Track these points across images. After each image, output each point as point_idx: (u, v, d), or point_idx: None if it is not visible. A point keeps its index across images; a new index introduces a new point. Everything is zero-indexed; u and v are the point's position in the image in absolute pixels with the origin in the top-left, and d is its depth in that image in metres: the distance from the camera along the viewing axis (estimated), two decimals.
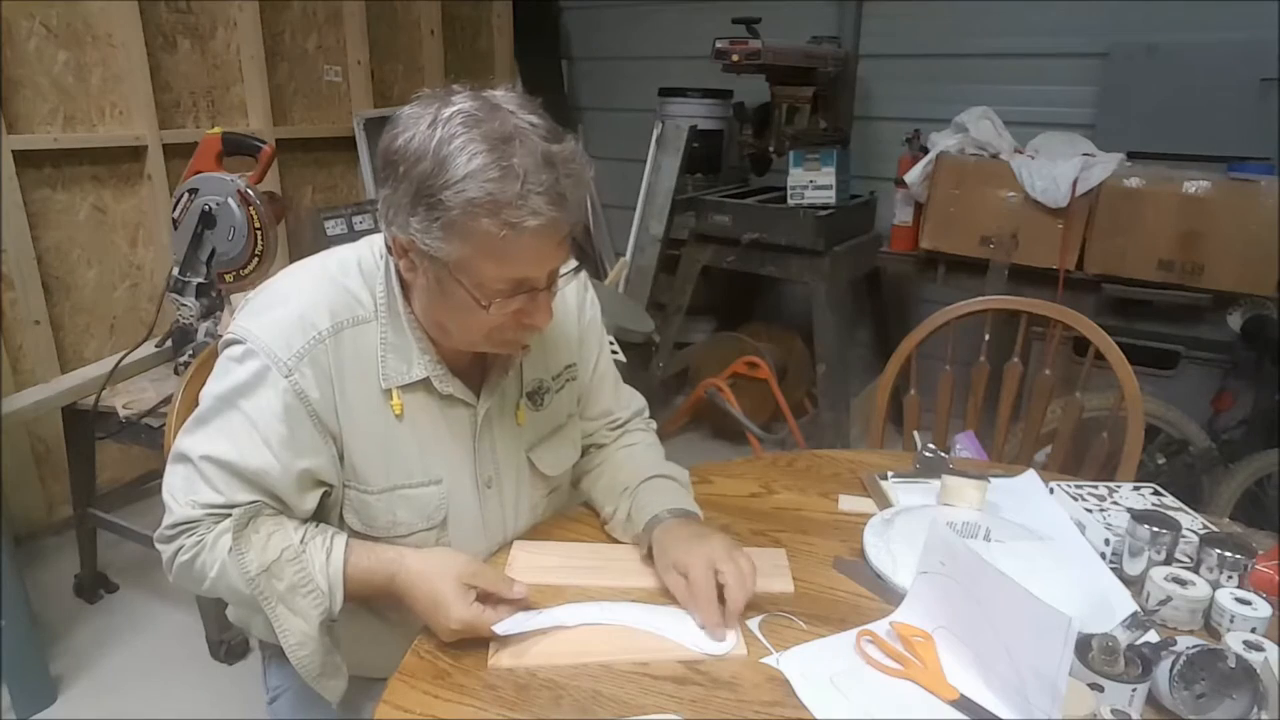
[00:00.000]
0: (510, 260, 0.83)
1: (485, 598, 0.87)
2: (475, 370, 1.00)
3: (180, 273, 1.90)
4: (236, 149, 1.96)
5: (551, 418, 1.07)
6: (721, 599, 0.89)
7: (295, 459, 0.89)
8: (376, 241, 0.96)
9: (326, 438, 0.91)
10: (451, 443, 0.98)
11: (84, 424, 1.96)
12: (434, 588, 0.87)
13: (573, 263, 0.95)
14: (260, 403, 0.88)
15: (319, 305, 0.90)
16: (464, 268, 0.83)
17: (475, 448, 1.00)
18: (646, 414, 1.24)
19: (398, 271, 0.93)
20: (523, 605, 0.89)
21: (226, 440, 0.89)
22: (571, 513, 1.14)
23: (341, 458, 0.93)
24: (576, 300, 1.10)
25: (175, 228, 1.89)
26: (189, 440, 0.91)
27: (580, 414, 1.14)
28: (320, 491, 0.94)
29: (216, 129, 1.94)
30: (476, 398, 0.99)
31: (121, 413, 1.86)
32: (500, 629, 0.84)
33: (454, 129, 0.79)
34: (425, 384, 0.95)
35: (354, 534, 0.96)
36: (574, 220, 0.84)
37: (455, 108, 0.81)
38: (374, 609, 1.00)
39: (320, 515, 0.96)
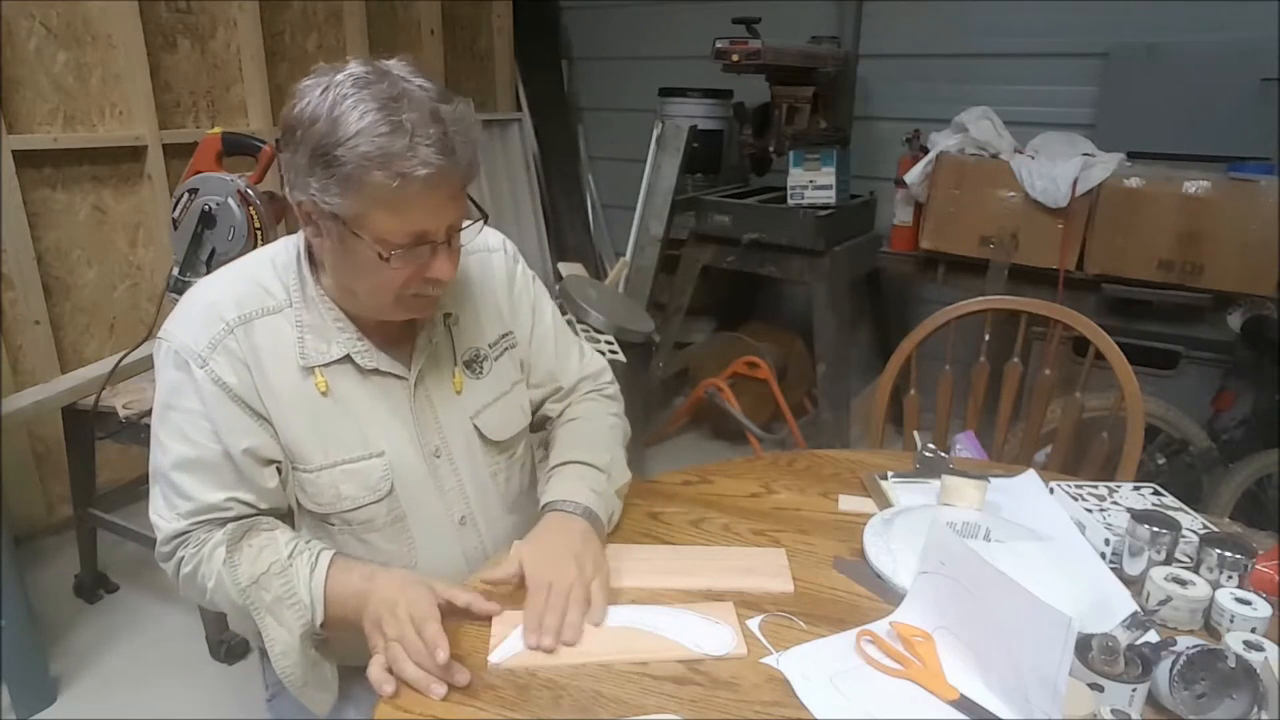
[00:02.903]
0: (405, 211, 0.86)
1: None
2: (404, 343, 1.02)
3: (180, 273, 1.89)
4: (236, 149, 1.95)
5: (494, 385, 1.10)
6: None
7: (236, 441, 0.93)
8: (292, 237, 1.01)
9: (258, 420, 0.95)
10: (389, 416, 1.01)
11: (84, 424, 1.96)
12: (409, 581, 0.89)
13: (475, 217, 0.97)
14: (194, 397, 0.93)
15: (224, 300, 0.95)
16: (363, 223, 0.87)
17: (415, 419, 1.02)
18: (605, 378, 1.24)
19: (309, 252, 0.98)
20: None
21: (182, 442, 0.93)
22: None
23: (278, 440, 0.96)
24: (506, 272, 1.13)
25: (175, 228, 1.88)
26: (154, 459, 0.96)
27: (527, 382, 1.16)
28: (274, 468, 0.96)
29: (216, 129, 1.94)
30: (408, 370, 1.01)
31: (121, 413, 1.86)
32: (494, 658, 0.84)
33: (345, 91, 0.84)
34: (349, 361, 0.98)
35: (307, 513, 0.99)
36: (464, 174, 0.88)
37: (346, 72, 0.86)
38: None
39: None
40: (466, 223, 0.94)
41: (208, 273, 1.87)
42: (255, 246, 1.85)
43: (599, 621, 0.90)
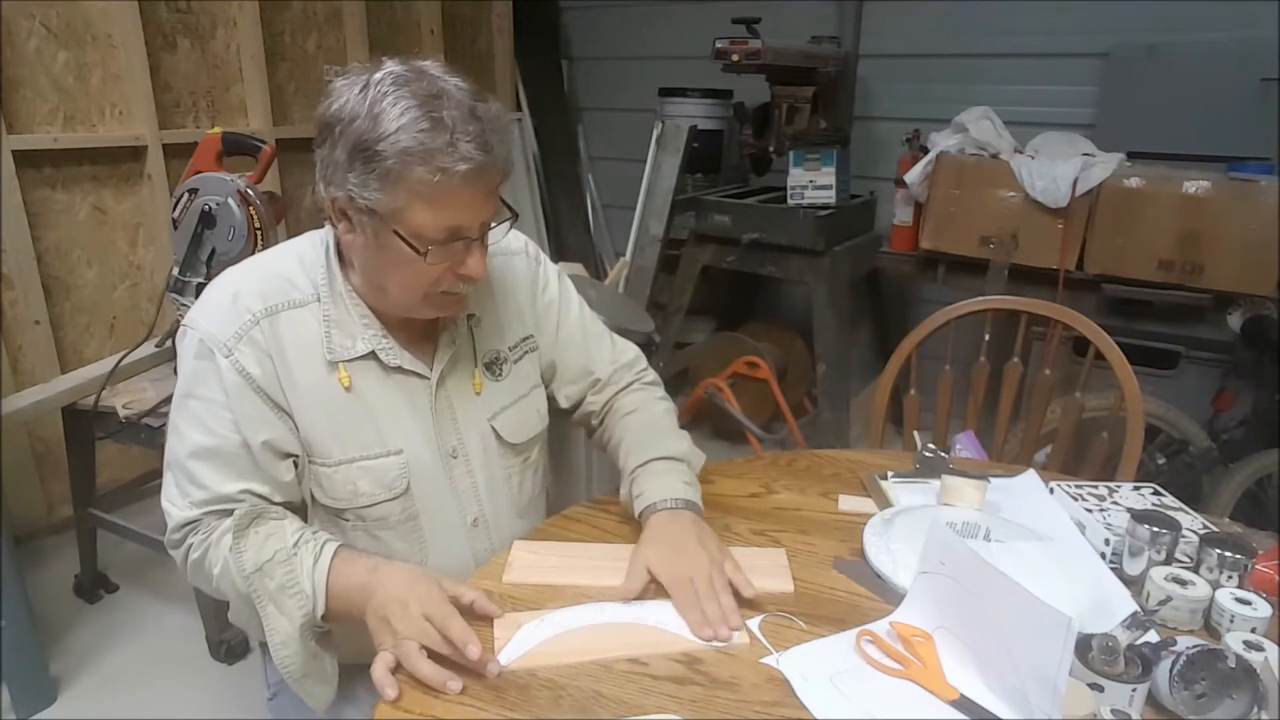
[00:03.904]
0: (444, 206, 0.87)
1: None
2: (427, 343, 1.03)
3: (180, 273, 1.89)
4: (236, 149, 1.96)
5: (513, 387, 1.10)
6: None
7: (255, 433, 0.94)
8: (319, 233, 1.02)
9: (279, 413, 0.95)
10: (408, 414, 1.01)
11: (84, 424, 1.96)
12: (416, 577, 0.88)
13: (505, 216, 0.97)
14: (216, 386, 0.93)
15: (250, 291, 0.96)
16: (401, 218, 0.88)
17: (434, 418, 1.02)
18: (641, 364, 1.24)
19: (337, 248, 0.99)
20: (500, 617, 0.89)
21: (201, 431, 0.94)
22: (572, 513, 1.14)
23: (297, 433, 0.97)
24: (528, 276, 1.14)
25: (175, 228, 1.88)
26: (171, 445, 0.96)
27: (560, 379, 1.17)
28: (291, 461, 0.97)
29: (216, 129, 1.94)
30: (430, 370, 1.02)
31: (121, 413, 1.86)
32: (504, 658, 0.84)
33: (385, 89, 0.86)
34: (373, 358, 0.99)
35: (320, 507, 1.00)
36: (502, 170, 0.90)
37: (385, 71, 0.88)
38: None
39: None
40: (494, 223, 0.95)
41: (208, 273, 1.90)
42: (255, 247, 1.86)
43: (753, 595, 0.93)
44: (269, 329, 0.94)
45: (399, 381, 1.01)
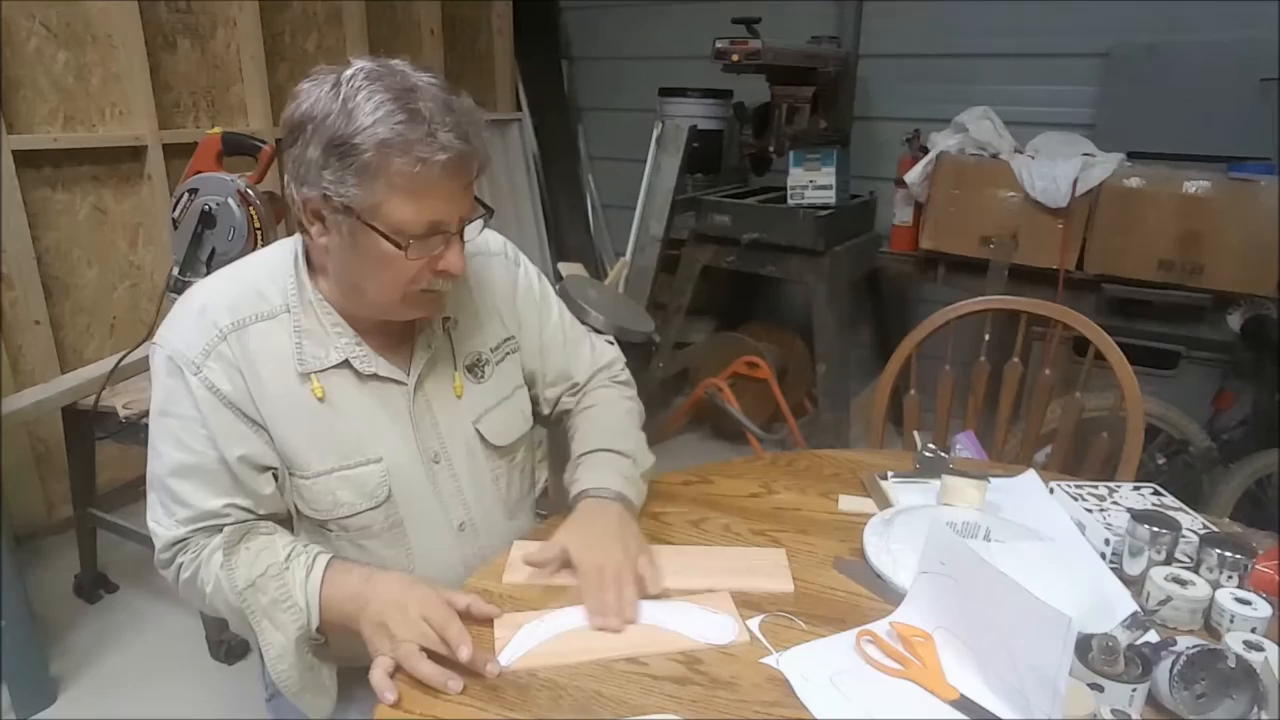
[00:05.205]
0: (423, 198, 0.86)
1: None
2: (403, 348, 1.02)
3: (180, 273, 1.89)
4: (236, 149, 1.95)
5: (496, 389, 1.09)
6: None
7: (231, 448, 0.92)
8: (289, 241, 1.00)
9: (253, 427, 0.94)
10: (387, 421, 1.00)
11: (84, 424, 1.96)
12: (411, 582, 0.89)
13: (481, 213, 0.96)
14: (189, 403, 0.92)
15: (218, 305, 0.94)
16: (377, 213, 0.86)
17: (414, 424, 1.01)
18: (617, 366, 1.24)
19: (306, 254, 0.97)
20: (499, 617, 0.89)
21: (178, 449, 0.93)
22: None
23: (274, 446, 0.96)
24: (508, 278, 1.12)
25: (175, 228, 1.88)
26: (151, 466, 0.95)
27: (541, 383, 1.17)
28: (270, 474, 0.96)
29: (216, 129, 1.94)
30: (407, 375, 1.01)
31: (121, 413, 1.86)
32: (504, 659, 0.84)
33: (358, 84, 0.84)
34: (348, 366, 0.97)
35: (305, 519, 0.99)
36: (479, 158, 0.88)
37: (355, 68, 0.86)
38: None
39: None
40: (470, 219, 0.94)
41: (208, 273, 1.89)
42: (255, 246, 1.86)
43: (658, 593, 0.92)
44: (237, 343, 0.93)
45: (375, 388, 0.99)
